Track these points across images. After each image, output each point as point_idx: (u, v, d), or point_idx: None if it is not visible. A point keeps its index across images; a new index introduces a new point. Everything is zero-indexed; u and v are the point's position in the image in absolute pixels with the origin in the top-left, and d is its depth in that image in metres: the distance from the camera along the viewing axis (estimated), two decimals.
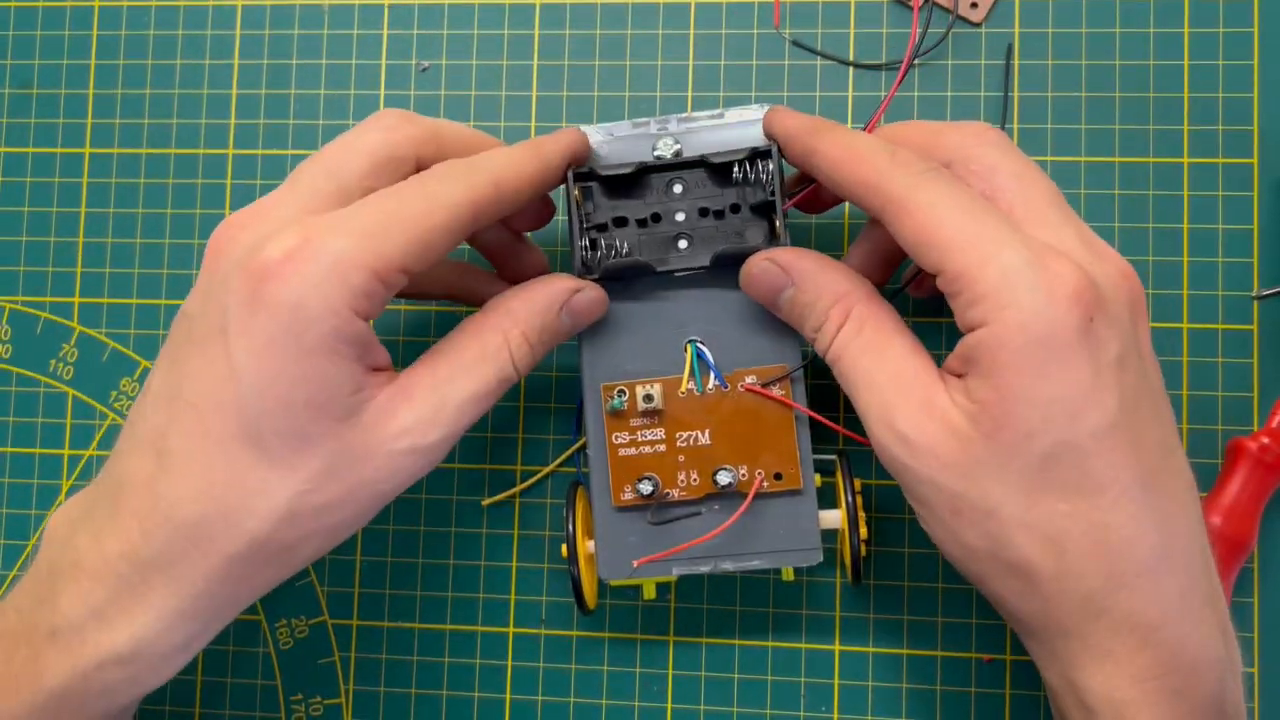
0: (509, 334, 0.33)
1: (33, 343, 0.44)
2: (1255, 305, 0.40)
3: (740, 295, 0.35)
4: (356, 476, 0.30)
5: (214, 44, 0.44)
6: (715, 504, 0.35)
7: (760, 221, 0.35)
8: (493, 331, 0.33)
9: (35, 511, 0.43)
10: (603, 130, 0.36)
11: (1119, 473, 0.28)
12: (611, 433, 0.35)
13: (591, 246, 0.35)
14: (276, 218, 0.31)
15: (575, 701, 0.41)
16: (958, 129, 0.32)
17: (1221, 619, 0.30)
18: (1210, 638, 0.29)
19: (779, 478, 0.35)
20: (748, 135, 0.35)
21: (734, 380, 0.35)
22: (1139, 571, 0.28)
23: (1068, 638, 0.29)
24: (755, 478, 0.35)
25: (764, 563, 0.35)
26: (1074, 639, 0.29)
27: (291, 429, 0.29)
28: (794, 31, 0.42)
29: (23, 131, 0.45)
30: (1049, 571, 0.28)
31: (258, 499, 0.29)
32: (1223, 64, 0.41)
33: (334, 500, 0.30)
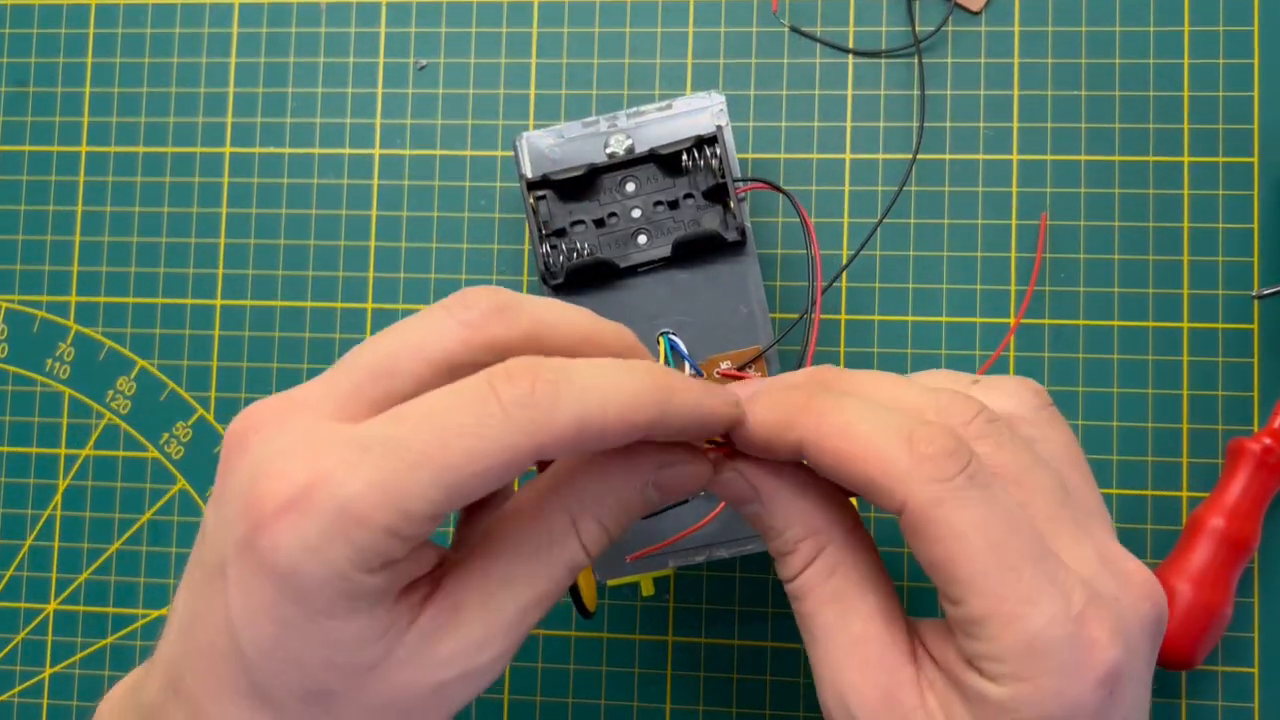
0: (577, 517, 0.26)
1: (29, 342, 0.44)
2: (1255, 304, 0.40)
3: (706, 282, 0.35)
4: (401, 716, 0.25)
5: (211, 42, 0.44)
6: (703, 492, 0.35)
7: (714, 206, 0.36)
8: (558, 516, 0.26)
9: (31, 511, 0.43)
10: (553, 133, 0.36)
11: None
12: None
13: (552, 251, 0.35)
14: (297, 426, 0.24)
15: (574, 702, 0.41)
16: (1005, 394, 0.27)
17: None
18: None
19: None
20: (698, 123, 0.36)
21: (709, 367, 0.35)
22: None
23: None
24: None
25: (758, 546, 0.35)
26: None
27: (309, 690, 0.24)
28: (792, 22, 0.42)
29: (19, 130, 0.45)
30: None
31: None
32: (1223, 63, 0.40)
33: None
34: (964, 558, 0.24)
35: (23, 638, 0.43)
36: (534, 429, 0.23)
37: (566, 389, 0.23)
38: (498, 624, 0.25)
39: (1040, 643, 0.24)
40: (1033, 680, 0.24)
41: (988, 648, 0.24)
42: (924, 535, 0.24)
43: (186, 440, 0.43)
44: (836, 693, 0.26)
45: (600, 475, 0.27)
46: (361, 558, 0.23)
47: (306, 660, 0.24)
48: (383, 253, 0.43)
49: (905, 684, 0.25)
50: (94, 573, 0.43)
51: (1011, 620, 0.24)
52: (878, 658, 0.26)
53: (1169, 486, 0.40)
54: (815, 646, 0.27)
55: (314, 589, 0.23)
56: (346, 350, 0.43)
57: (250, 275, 0.43)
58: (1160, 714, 0.39)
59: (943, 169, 0.41)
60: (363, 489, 0.22)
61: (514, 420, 0.23)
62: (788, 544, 0.27)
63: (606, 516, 0.26)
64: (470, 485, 0.23)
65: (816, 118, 0.42)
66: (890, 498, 0.25)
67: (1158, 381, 0.40)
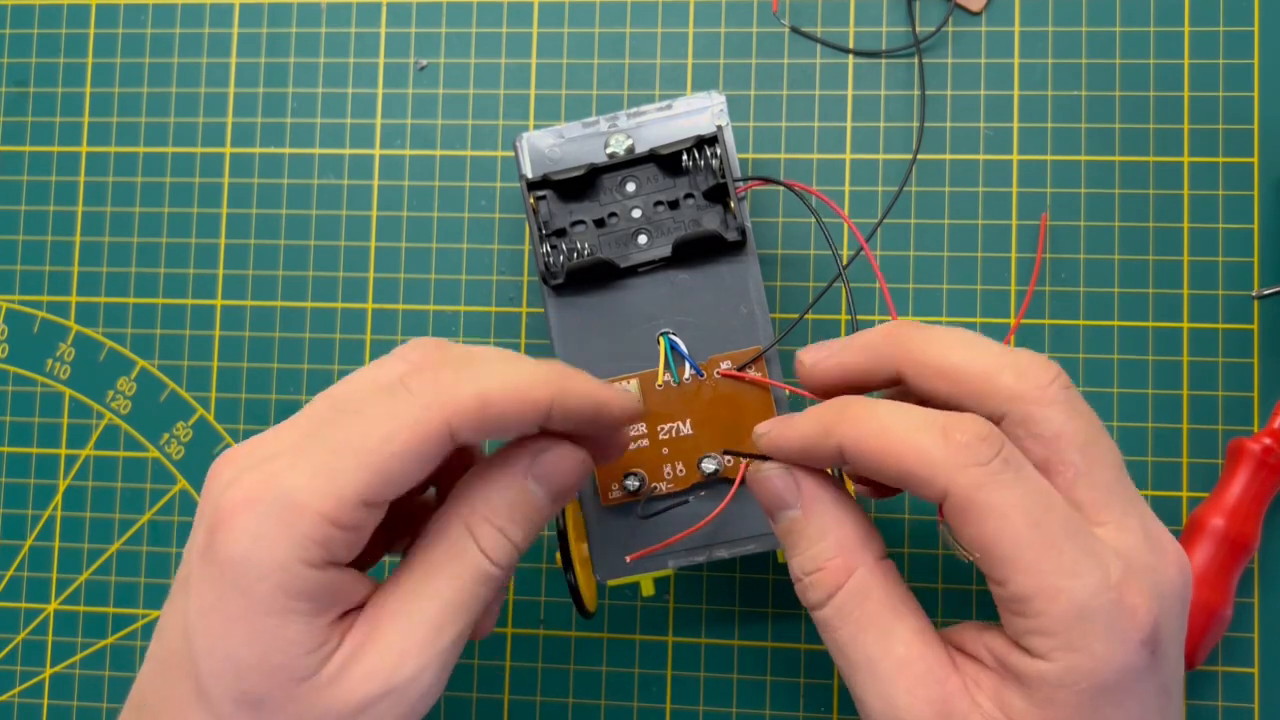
0: (469, 521, 0.28)
1: (29, 342, 0.44)
2: (1256, 304, 0.40)
3: (706, 282, 0.35)
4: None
5: (211, 42, 0.44)
6: (703, 492, 0.35)
7: (715, 206, 0.36)
8: (453, 524, 0.28)
9: (32, 511, 0.43)
10: (553, 133, 0.36)
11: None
12: None
13: (553, 251, 0.35)
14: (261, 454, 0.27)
15: (574, 702, 0.41)
16: (1017, 373, 0.27)
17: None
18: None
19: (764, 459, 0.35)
20: (697, 123, 0.36)
21: (709, 367, 0.35)
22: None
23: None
24: (740, 462, 0.35)
25: (758, 546, 0.35)
26: None
27: (243, 695, 0.25)
28: (793, 22, 0.42)
29: (19, 130, 0.45)
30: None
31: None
32: (1223, 63, 0.40)
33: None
34: (1008, 537, 0.25)
35: (23, 638, 0.43)
36: (440, 404, 0.26)
37: (469, 371, 0.26)
38: (412, 637, 0.26)
39: (1087, 611, 0.25)
40: (1082, 649, 0.25)
41: (1036, 623, 0.25)
42: (969, 519, 0.25)
43: (187, 440, 0.43)
44: (888, 711, 0.26)
45: (482, 478, 0.28)
46: (302, 546, 0.25)
47: (244, 660, 0.25)
48: (383, 253, 0.43)
49: (955, 693, 0.26)
50: (94, 573, 0.43)
51: (1058, 593, 0.25)
52: (925, 675, 0.26)
53: (1169, 487, 0.40)
54: (858, 674, 0.27)
55: (258, 578, 0.25)
56: (346, 350, 0.43)
57: (250, 275, 0.43)
58: None
59: (943, 169, 0.41)
60: (300, 481, 0.25)
61: (421, 399, 0.26)
62: (817, 560, 0.28)
63: (499, 518, 0.28)
64: (393, 466, 0.25)
65: (817, 118, 0.42)
66: (932, 486, 0.26)
67: (1158, 382, 0.40)
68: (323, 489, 0.25)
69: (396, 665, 0.26)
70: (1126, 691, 0.25)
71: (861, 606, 0.27)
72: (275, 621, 0.25)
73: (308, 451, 0.26)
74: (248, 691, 0.25)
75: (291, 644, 0.25)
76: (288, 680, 0.25)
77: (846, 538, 0.28)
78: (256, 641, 0.25)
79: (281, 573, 0.25)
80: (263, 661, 0.25)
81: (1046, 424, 0.27)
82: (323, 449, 0.26)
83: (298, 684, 0.26)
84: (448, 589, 0.27)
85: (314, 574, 0.25)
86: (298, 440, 0.26)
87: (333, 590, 0.26)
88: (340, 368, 0.42)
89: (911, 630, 0.27)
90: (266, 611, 0.25)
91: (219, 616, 0.25)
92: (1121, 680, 0.25)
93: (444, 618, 0.27)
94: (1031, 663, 0.25)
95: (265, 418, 0.42)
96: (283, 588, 0.25)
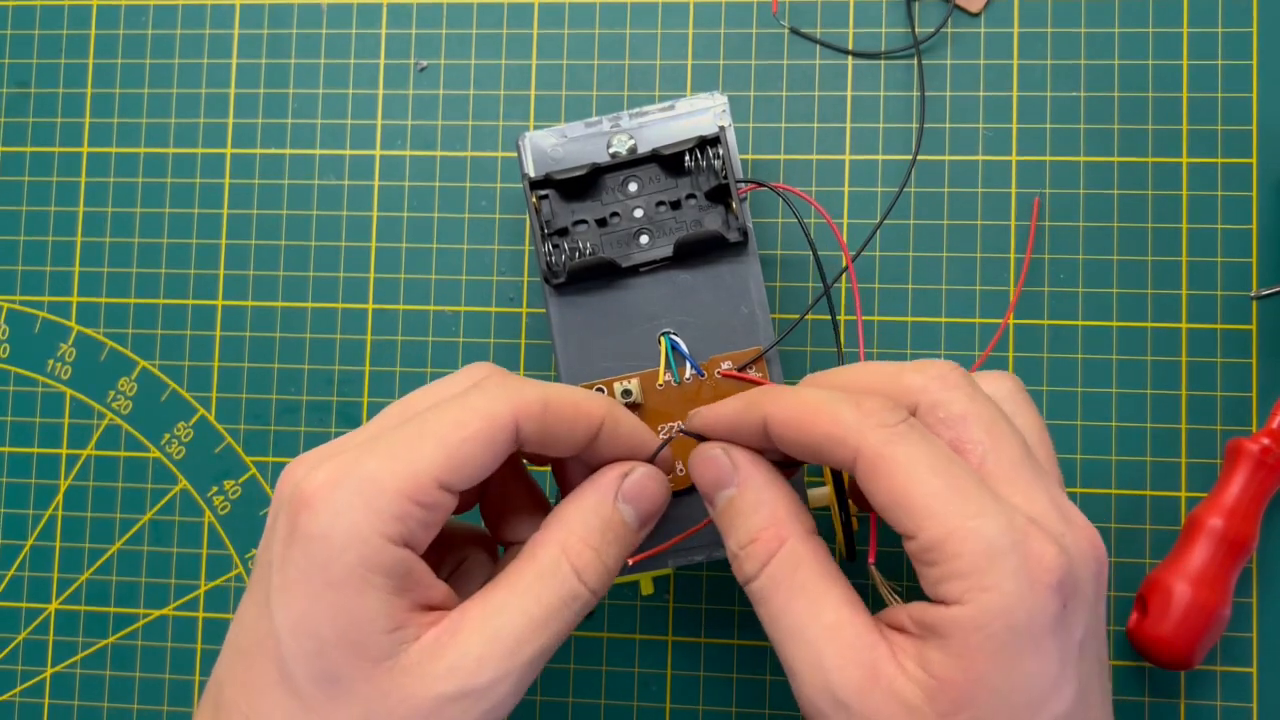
0: (566, 544, 0.29)
1: (31, 342, 0.44)
2: (1254, 305, 0.40)
3: (707, 283, 0.35)
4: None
5: (212, 43, 0.44)
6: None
7: (716, 207, 0.36)
8: (547, 545, 0.29)
9: (33, 511, 0.43)
10: (556, 132, 0.36)
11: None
12: None
13: (555, 251, 0.35)
14: (333, 450, 0.28)
15: (574, 702, 0.41)
16: (919, 370, 0.29)
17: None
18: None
19: None
20: (699, 124, 0.36)
21: (710, 367, 0.35)
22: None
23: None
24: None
25: None
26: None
27: (324, 672, 0.26)
28: (792, 23, 0.42)
29: (20, 130, 0.45)
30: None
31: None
32: (1222, 64, 0.41)
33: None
34: (916, 486, 0.26)
35: (24, 637, 0.43)
36: (507, 398, 0.28)
37: (533, 380, 0.29)
38: (494, 645, 0.27)
39: (995, 550, 0.25)
40: (993, 588, 0.25)
41: (949, 567, 0.26)
42: (879, 473, 0.27)
43: (187, 440, 0.43)
44: (820, 682, 0.27)
45: (576, 501, 0.30)
46: (382, 521, 0.26)
47: (325, 635, 0.26)
48: (383, 253, 0.43)
49: (883, 657, 0.27)
50: (95, 573, 0.43)
51: (967, 533, 0.26)
52: (854, 640, 0.27)
53: (1167, 487, 0.40)
54: (790, 642, 0.28)
55: (340, 550, 0.26)
56: (347, 350, 0.43)
57: (251, 276, 0.43)
58: (1160, 714, 0.39)
59: (942, 170, 0.41)
60: (380, 462, 0.27)
61: (489, 393, 0.28)
62: (751, 531, 0.29)
63: (593, 538, 0.29)
64: (466, 450, 0.27)
65: (816, 119, 0.42)
66: (845, 447, 0.27)
67: (1156, 382, 0.40)
68: (401, 470, 0.27)
69: (475, 670, 0.27)
70: (1040, 640, 0.26)
71: (793, 575, 0.28)
72: (355, 594, 0.26)
73: (384, 440, 0.27)
74: (327, 668, 0.26)
75: (370, 619, 0.26)
76: (365, 659, 0.26)
77: (779, 510, 0.29)
78: (338, 615, 0.26)
79: (362, 545, 0.26)
80: (343, 636, 0.26)
81: (951, 406, 0.28)
82: (399, 436, 0.27)
83: (375, 664, 0.26)
84: (535, 607, 0.28)
85: (392, 549, 0.26)
86: (367, 439, 0.28)
87: (409, 572, 0.27)
88: (340, 368, 0.42)
89: (840, 599, 0.28)
90: (346, 583, 0.26)
91: (302, 593, 0.26)
92: (1034, 624, 0.25)
93: (528, 632, 0.28)
94: (947, 611, 0.26)
95: (266, 418, 0.43)
96: (363, 560, 0.26)
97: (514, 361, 0.42)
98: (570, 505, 0.30)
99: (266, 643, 0.27)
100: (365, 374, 0.42)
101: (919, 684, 0.26)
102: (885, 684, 0.26)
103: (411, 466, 0.27)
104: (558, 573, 0.29)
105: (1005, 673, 0.25)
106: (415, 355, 0.42)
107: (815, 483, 0.37)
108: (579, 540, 0.29)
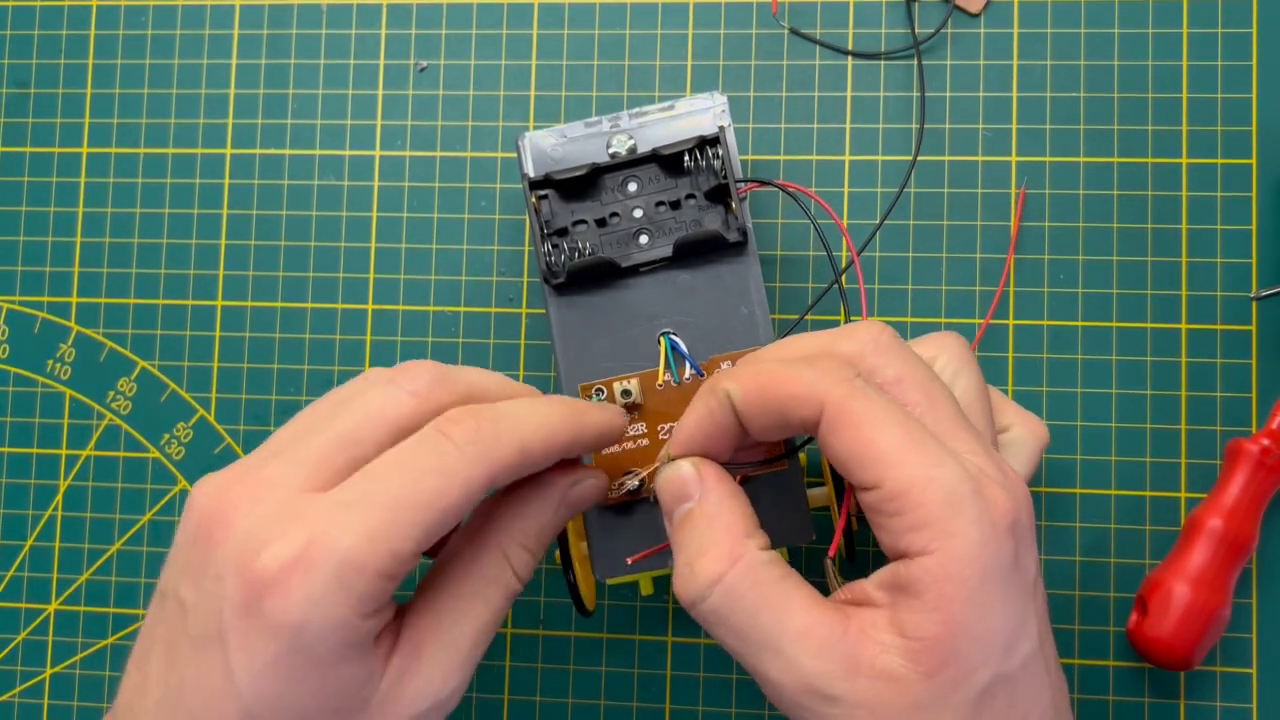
0: (507, 550, 0.30)
1: (30, 342, 0.44)
2: (1254, 306, 0.40)
3: (707, 283, 0.35)
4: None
5: (212, 43, 0.44)
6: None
7: (716, 207, 0.36)
8: (491, 552, 0.30)
9: (33, 512, 0.43)
10: (555, 133, 0.36)
11: (1039, 698, 0.27)
12: None
13: (554, 251, 0.35)
14: (276, 501, 0.27)
15: (574, 702, 0.41)
16: (850, 337, 0.29)
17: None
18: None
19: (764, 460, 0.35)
20: (699, 124, 0.36)
21: (709, 368, 0.35)
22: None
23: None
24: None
25: None
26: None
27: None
28: (792, 24, 0.42)
29: (20, 131, 0.45)
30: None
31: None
32: (1221, 64, 0.41)
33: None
34: (879, 437, 0.27)
35: (23, 638, 0.43)
36: (486, 459, 0.27)
37: (505, 423, 0.28)
38: (455, 659, 0.29)
39: (956, 496, 0.26)
40: (958, 534, 0.26)
41: (913, 516, 0.26)
42: (844, 425, 0.27)
43: (187, 441, 0.43)
44: (803, 686, 0.27)
45: (520, 508, 0.31)
46: (360, 604, 0.26)
47: (310, 709, 0.26)
48: (383, 254, 0.43)
49: (856, 642, 0.27)
50: (95, 573, 0.43)
51: (929, 481, 0.26)
52: (826, 637, 0.27)
53: (1167, 487, 0.40)
54: (761, 654, 0.28)
55: (319, 639, 0.26)
56: (346, 351, 0.43)
57: (251, 276, 0.43)
58: (1160, 714, 0.39)
59: (942, 170, 0.41)
60: (356, 541, 0.26)
61: (468, 455, 0.27)
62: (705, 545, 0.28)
63: (531, 542, 0.31)
64: (442, 520, 0.27)
65: (816, 119, 0.42)
66: (810, 404, 0.27)
67: (1156, 383, 0.40)
68: (380, 550, 0.26)
69: (442, 685, 0.28)
70: (1006, 583, 0.26)
71: (754, 589, 0.28)
72: (335, 671, 0.26)
73: (353, 509, 0.26)
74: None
75: (351, 684, 0.27)
76: (345, 715, 0.27)
77: (735, 523, 0.29)
78: (320, 693, 0.26)
79: (343, 630, 0.26)
80: (324, 706, 0.27)
81: (886, 370, 0.29)
82: (370, 506, 0.26)
83: (355, 714, 0.27)
84: (485, 612, 0.29)
85: (369, 622, 0.27)
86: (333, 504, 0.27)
87: (381, 626, 0.27)
88: (340, 369, 0.42)
89: (803, 602, 0.28)
90: (329, 664, 0.26)
91: (277, 679, 0.26)
92: (999, 567, 0.26)
93: (481, 636, 0.29)
94: (916, 563, 0.26)
95: (266, 418, 0.43)
96: (344, 642, 0.26)
97: (514, 362, 0.42)
98: (512, 507, 0.31)
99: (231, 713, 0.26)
100: None
101: (899, 652, 0.26)
102: (868, 666, 0.26)
103: (390, 544, 0.26)
104: (501, 577, 0.30)
105: (981, 618, 0.26)
106: (415, 356, 0.42)
107: (815, 483, 0.37)
108: (519, 546, 0.30)
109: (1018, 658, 0.27)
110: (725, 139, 0.35)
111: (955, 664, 0.26)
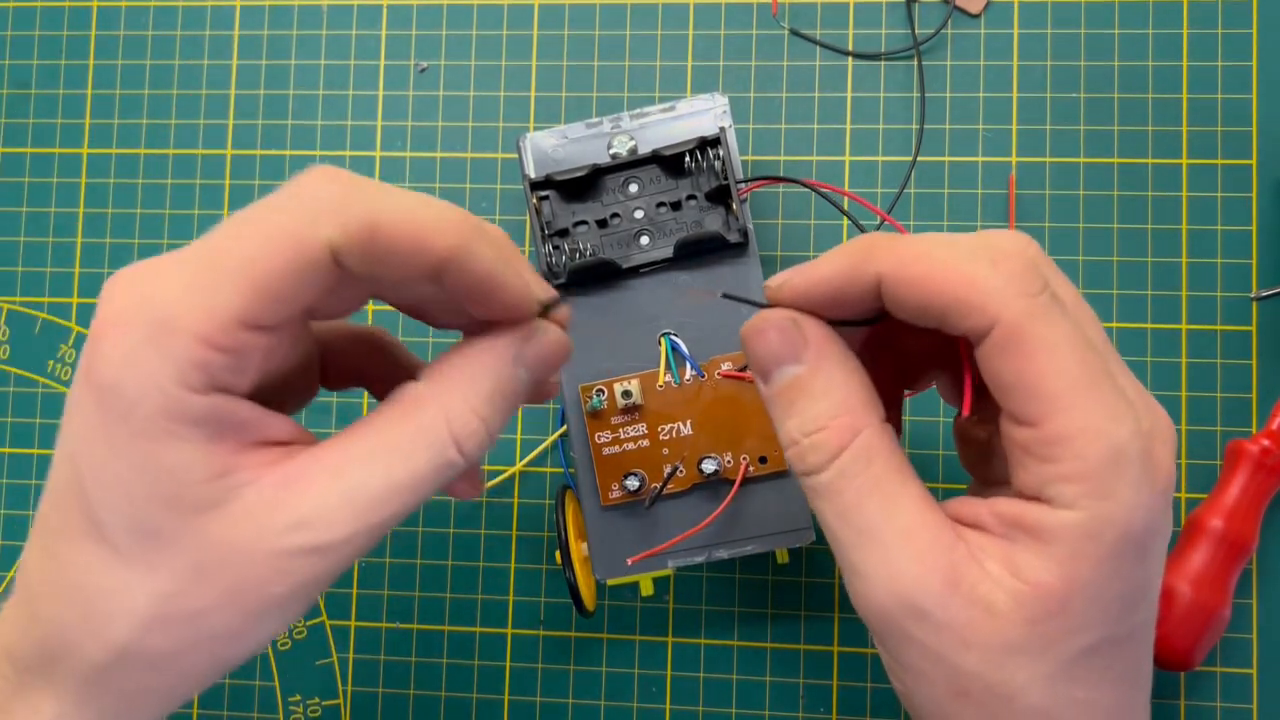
0: (450, 408, 0.25)
1: (31, 343, 0.44)
2: (1254, 306, 0.40)
3: (708, 283, 0.35)
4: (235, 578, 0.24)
5: (212, 44, 0.44)
6: (703, 493, 0.36)
7: (716, 208, 0.36)
8: (427, 405, 0.25)
9: (33, 513, 0.43)
10: (556, 133, 0.36)
11: (1140, 666, 0.26)
12: (594, 433, 0.35)
13: (555, 251, 0.35)
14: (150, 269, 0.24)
15: (574, 703, 0.41)
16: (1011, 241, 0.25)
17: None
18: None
19: (764, 461, 0.35)
20: (700, 125, 0.36)
21: (710, 368, 0.35)
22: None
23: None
24: (740, 463, 0.35)
25: (757, 547, 0.35)
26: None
27: (138, 525, 0.24)
28: (792, 25, 0.42)
29: (20, 132, 0.45)
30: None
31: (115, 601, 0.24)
32: (1221, 65, 0.41)
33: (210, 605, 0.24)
34: (1055, 372, 0.23)
35: None
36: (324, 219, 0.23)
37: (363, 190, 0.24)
38: (346, 502, 0.24)
39: (1122, 456, 0.23)
40: (1112, 497, 0.23)
41: (1069, 467, 0.24)
42: (1017, 350, 0.24)
43: None
44: (893, 588, 0.25)
45: (465, 359, 0.26)
46: (179, 370, 0.23)
47: (134, 489, 0.23)
48: None
49: (963, 560, 0.24)
50: None
51: (1099, 435, 0.23)
52: (931, 542, 0.25)
53: None
54: (860, 544, 0.25)
55: (134, 402, 0.23)
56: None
57: None
58: (1160, 714, 0.39)
59: (942, 171, 0.41)
60: (175, 295, 0.23)
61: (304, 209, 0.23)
62: (820, 419, 0.25)
63: (480, 404, 0.25)
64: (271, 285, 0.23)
65: (816, 120, 0.42)
66: (981, 314, 0.24)
67: (1156, 383, 0.40)
68: (197, 307, 0.23)
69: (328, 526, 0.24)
70: (1146, 547, 0.24)
71: (866, 471, 0.25)
72: (160, 447, 0.23)
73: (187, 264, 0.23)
74: (141, 522, 0.24)
75: (182, 471, 0.23)
76: (184, 510, 0.23)
77: (853, 395, 0.26)
78: (145, 469, 0.23)
79: (159, 395, 0.23)
80: (153, 490, 0.23)
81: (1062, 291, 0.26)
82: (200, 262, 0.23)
83: (197, 514, 0.24)
84: (402, 469, 0.25)
85: (198, 399, 0.23)
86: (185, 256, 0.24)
87: (228, 416, 0.24)
88: None
89: (915, 497, 0.25)
90: (149, 436, 0.23)
91: (102, 444, 0.23)
92: (1144, 533, 0.24)
93: (388, 494, 0.24)
94: (1053, 514, 0.24)
95: None
96: (163, 411, 0.23)
97: None
98: (460, 361, 0.26)
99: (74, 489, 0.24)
100: None
101: (1005, 588, 0.24)
102: (967, 589, 0.24)
103: (208, 303, 0.23)
104: (435, 440, 0.25)
105: (1109, 580, 0.24)
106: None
107: None
108: (466, 407, 0.25)
109: (1131, 623, 0.25)
110: (726, 140, 0.35)
111: (1064, 619, 0.24)
